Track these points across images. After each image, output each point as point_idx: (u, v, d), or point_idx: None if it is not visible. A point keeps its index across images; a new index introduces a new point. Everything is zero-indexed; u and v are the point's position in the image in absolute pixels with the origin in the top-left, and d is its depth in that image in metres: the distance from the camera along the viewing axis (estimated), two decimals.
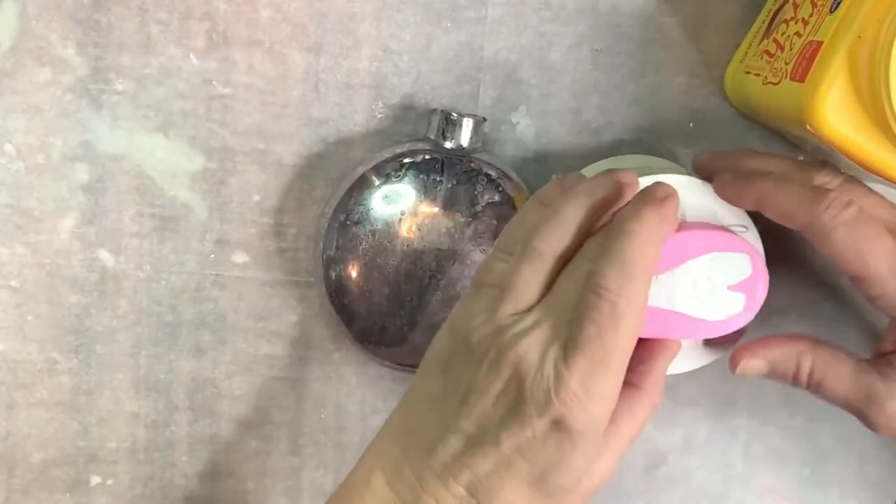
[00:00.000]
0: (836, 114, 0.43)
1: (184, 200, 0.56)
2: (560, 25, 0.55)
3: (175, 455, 0.57)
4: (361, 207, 0.52)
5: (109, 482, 0.57)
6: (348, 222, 0.52)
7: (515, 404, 0.41)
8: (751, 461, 0.57)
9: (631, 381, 0.45)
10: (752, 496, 0.57)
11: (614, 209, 0.45)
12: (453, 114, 0.52)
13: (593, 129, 0.55)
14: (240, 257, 0.56)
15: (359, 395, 0.57)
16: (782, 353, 0.48)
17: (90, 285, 0.56)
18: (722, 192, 0.48)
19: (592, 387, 0.41)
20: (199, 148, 0.55)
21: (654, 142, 0.55)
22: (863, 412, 0.47)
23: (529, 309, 0.43)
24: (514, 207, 0.52)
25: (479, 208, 0.52)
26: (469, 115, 0.52)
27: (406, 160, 0.52)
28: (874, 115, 0.43)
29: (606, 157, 0.55)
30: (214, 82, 0.55)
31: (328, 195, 0.54)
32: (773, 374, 0.48)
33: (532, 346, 0.41)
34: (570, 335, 0.41)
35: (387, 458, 0.44)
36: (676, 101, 0.55)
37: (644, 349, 0.45)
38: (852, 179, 0.47)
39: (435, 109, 0.53)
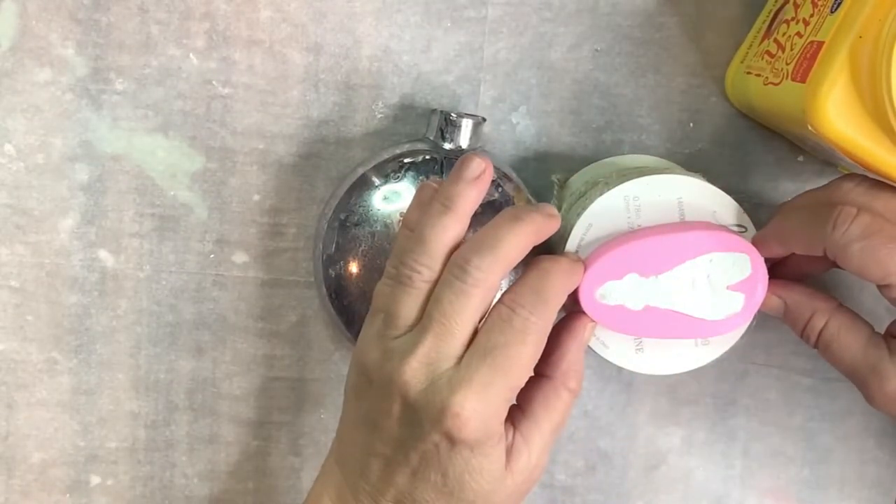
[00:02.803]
0: (837, 114, 0.43)
1: (184, 200, 0.55)
2: (560, 25, 0.55)
3: (175, 455, 0.57)
4: (361, 208, 0.52)
5: (109, 482, 0.57)
6: (348, 223, 0.52)
7: (413, 425, 0.43)
8: (750, 461, 0.57)
9: (543, 372, 0.46)
10: (751, 496, 0.57)
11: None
12: (452, 114, 0.52)
13: (593, 129, 0.55)
14: (240, 257, 0.56)
15: None
16: (800, 300, 0.49)
17: (90, 285, 0.56)
18: (756, 248, 0.49)
19: (487, 396, 0.42)
20: (199, 148, 0.55)
21: (654, 142, 0.55)
22: (865, 382, 0.47)
23: (411, 329, 0.44)
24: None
25: (478, 208, 0.52)
26: (468, 116, 0.52)
27: (406, 160, 0.52)
28: (875, 115, 0.43)
29: (606, 157, 0.55)
30: (214, 82, 0.55)
31: (328, 195, 0.54)
32: (787, 315, 0.49)
33: (417, 368, 0.43)
34: (471, 347, 0.43)
35: (332, 483, 0.47)
36: (677, 101, 0.55)
37: (553, 339, 0.46)
38: (873, 186, 0.47)
39: (434, 110, 0.53)
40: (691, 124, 0.55)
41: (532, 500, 0.57)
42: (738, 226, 0.49)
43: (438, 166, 0.52)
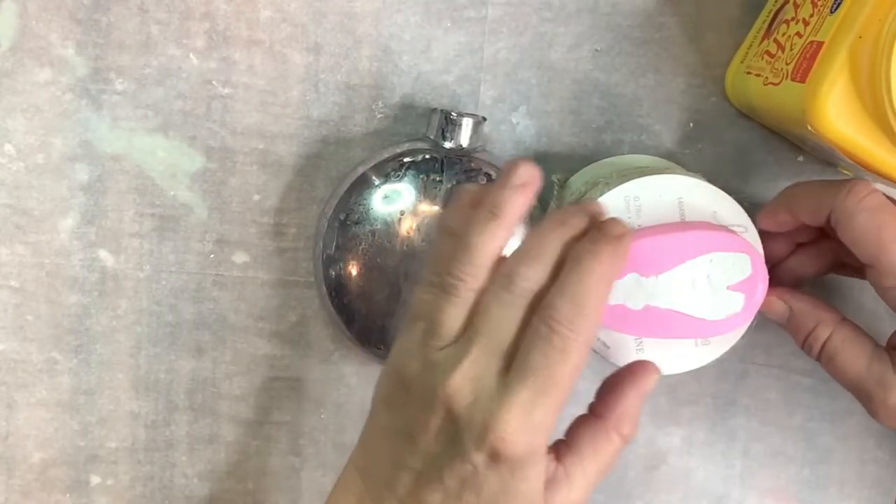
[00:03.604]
0: (837, 114, 0.43)
1: (184, 200, 0.55)
2: (560, 25, 0.55)
3: (175, 455, 0.57)
4: (361, 207, 0.52)
5: (109, 482, 0.57)
6: (348, 222, 0.52)
7: (453, 440, 0.42)
8: (750, 461, 0.57)
9: (597, 412, 0.45)
10: (751, 496, 0.57)
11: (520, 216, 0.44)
12: (453, 113, 0.52)
13: (593, 129, 0.55)
14: (240, 257, 0.56)
15: (359, 395, 0.57)
16: (805, 308, 0.49)
17: (90, 285, 0.56)
18: (760, 220, 0.50)
19: (532, 417, 0.41)
20: (199, 148, 0.55)
21: (654, 142, 0.55)
22: (869, 396, 0.47)
23: (456, 340, 0.43)
24: None
25: None
26: (469, 115, 0.52)
27: (406, 160, 0.52)
28: (875, 116, 0.43)
29: (606, 157, 0.55)
30: (214, 82, 0.55)
31: (328, 195, 0.54)
32: (791, 323, 0.50)
33: (462, 382, 0.42)
34: (514, 365, 0.41)
35: (352, 492, 0.45)
36: (677, 101, 0.55)
37: (615, 379, 0.45)
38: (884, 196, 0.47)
39: (435, 109, 0.53)
40: (691, 124, 0.55)
41: None
42: (739, 226, 0.49)
43: (439, 165, 0.52)
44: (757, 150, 0.55)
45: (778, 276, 0.50)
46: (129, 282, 0.56)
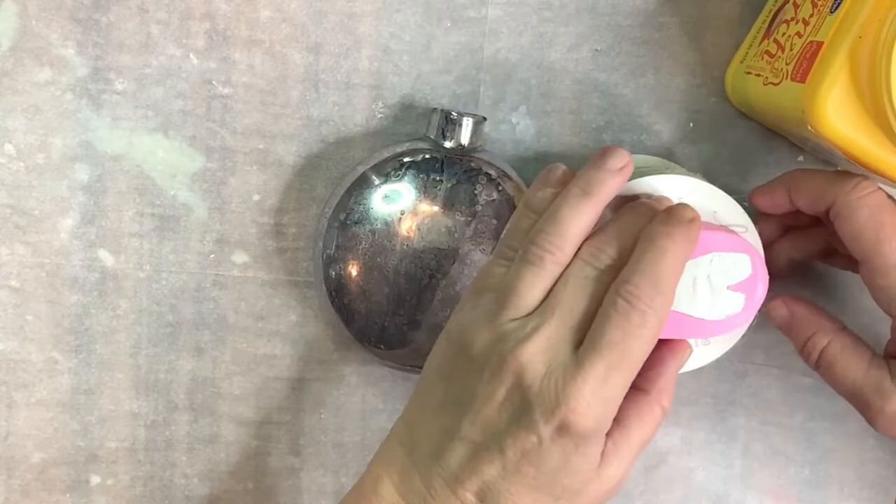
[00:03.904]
0: (836, 114, 0.43)
1: (184, 200, 0.55)
2: (560, 25, 0.55)
3: (175, 455, 0.57)
4: (361, 206, 0.52)
5: (109, 482, 0.57)
6: (348, 221, 0.52)
7: (520, 411, 0.42)
8: (750, 461, 0.57)
9: (640, 386, 0.45)
10: (751, 496, 0.57)
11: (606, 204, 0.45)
12: (453, 113, 0.52)
13: (593, 129, 0.55)
14: (240, 257, 0.56)
15: (359, 395, 0.57)
16: (806, 315, 0.50)
17: (90, 285, 0.56)
18: (756, 196, 0.50)
19: (604, 391, 0.41)
20: (199, 148, 0.55)
21: (654, 142, 0.55)
22: (867, 404, 0.47)
23: (529, 314, 0.43)
24: (514, 206, 0.52)
25: (478, 207, 0.52)
26: (469, 115, 0.52)
27: (406, 159, 0.52)
28: (875, 116, 0.43)
29: None
30: (214, 82, 0.55)
31: (328, 195, 0.54)
32: (790, 328, 0.50)
33: (535, 353, 0.42)
34: (587, 338, 0.42)
35: (394, 465, 0.44)
36: (676, 101, 0.55)
37: (654, 354, 0.45)
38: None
39: (435, 109, 0.53)
40: (691, 124, 0.55)
41: None
42: (739, 226, 0.49)
43: (439, 165, 0.52)
44: (757, 150, 0.55)
45: (767, 257, 0.50)
46: (129, 282, 0.56)
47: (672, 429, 0.57)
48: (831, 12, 0.45)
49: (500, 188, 0.52)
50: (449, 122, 0.52)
